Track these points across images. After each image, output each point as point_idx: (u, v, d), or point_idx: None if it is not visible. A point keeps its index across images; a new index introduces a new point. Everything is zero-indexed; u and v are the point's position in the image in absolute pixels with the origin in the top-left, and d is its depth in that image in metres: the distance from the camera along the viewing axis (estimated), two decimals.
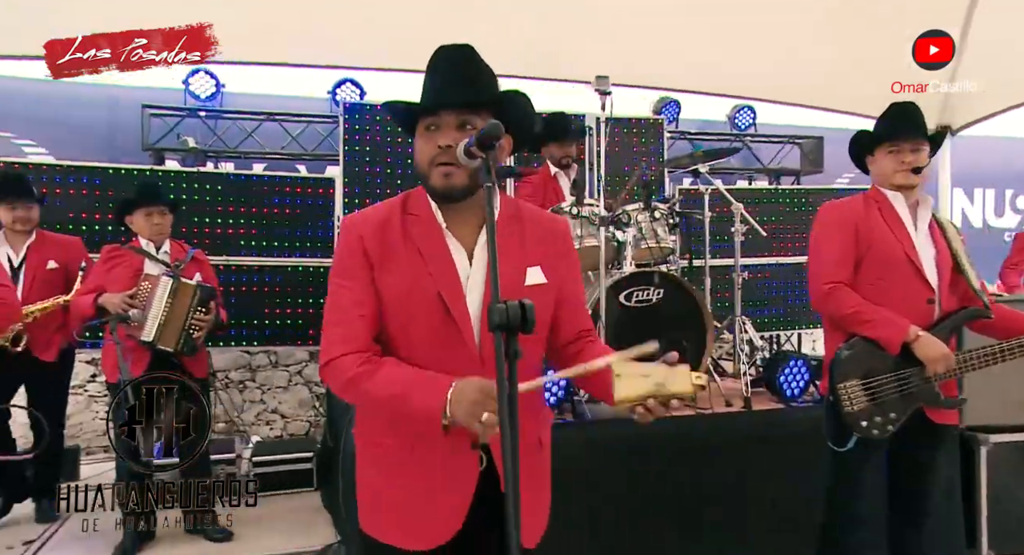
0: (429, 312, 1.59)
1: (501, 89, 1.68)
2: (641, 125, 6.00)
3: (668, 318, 3.40)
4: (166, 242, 3.71)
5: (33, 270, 3.84)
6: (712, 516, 3.14)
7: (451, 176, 1.58)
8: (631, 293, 3.38)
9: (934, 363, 2.38)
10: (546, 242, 1.72)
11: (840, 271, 2.52)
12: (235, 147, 5.51)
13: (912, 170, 2.52)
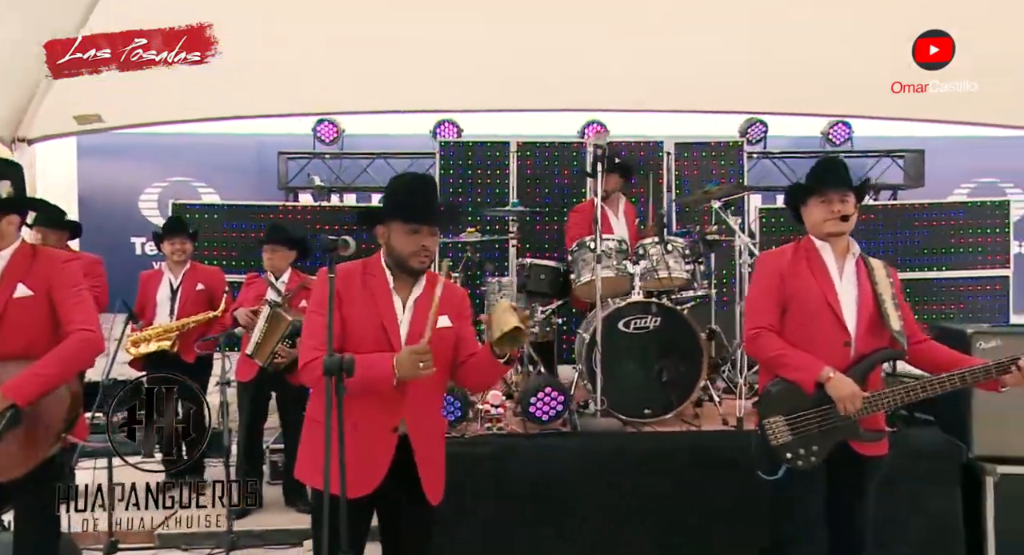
0: (376, 336, 2.37)
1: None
2: (720, 148, 6.25)
3: (664, 345, 3.78)
4: (286, 273, 4.59)
5: (187, 292, 4.90)
6: (691, 526, 3.46)
7: (424, 263, 2.41)
8: (629, 321, 3.80)
9: (842, 402, 2.59)
10: (452, 302, 2.49)
11: (765, 317, 2.76)
12: (352, 182, 6.47)
13: (840, 218, 2.74)
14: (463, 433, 3.62)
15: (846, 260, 2.78)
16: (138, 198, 6.83)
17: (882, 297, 2.72)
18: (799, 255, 2.81)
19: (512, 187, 6.09)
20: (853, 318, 2.70)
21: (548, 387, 3.71)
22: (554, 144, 6.15)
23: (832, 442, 2.67)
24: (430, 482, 2.43)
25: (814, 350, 2.68)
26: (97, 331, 2.68)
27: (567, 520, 3.50)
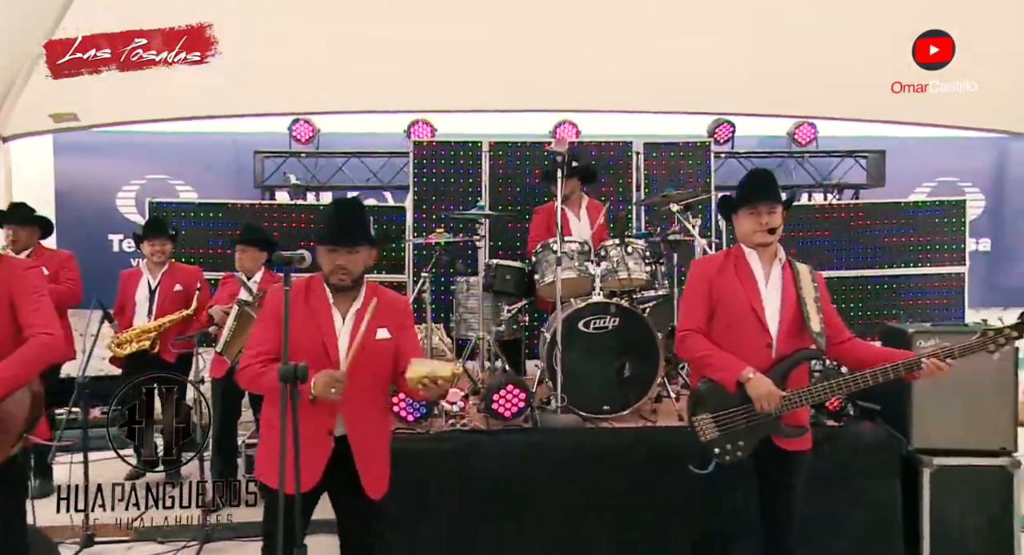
0: (316, 349, 2.59)
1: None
2: (688, 148, 6.41)
3: (623, 344, 3.93)
4: (258, 273, 4.72)
5: (165, 292, 5.00)
6: (647, 522, 3.62)
7: (343, 280, 2.62)
8: (589, 321, 3.96)
9: (759, 401, 2.76)
10: (392, 314, 2.70)
11: (694, 320, 2.94)
12: (328, 181, 6.58)
13: (768, 231, 2.92)
14: (427, 429, 3.77)
15: (772, 266, 2.97)
16: (115, 195, 6.88)
17: (804, 300, 2.90)
18: (728, 261, 2.99)
19: (484, 186, 6.23)
20: (776, 321, 2.89)
21: (510, 385, 3.86)
22: (525, 144, 6.28)
23: (756, 438, 2.85)
24: (369, 479, 2.63)
25: (739, 351, 2.86)
26: (57, 335, 2.76)
27: (528, 516, 3.66)
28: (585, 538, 3.68)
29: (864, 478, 3.78)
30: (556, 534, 3.67)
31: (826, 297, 2.99)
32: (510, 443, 3.73)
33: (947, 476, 3.76)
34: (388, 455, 2.76)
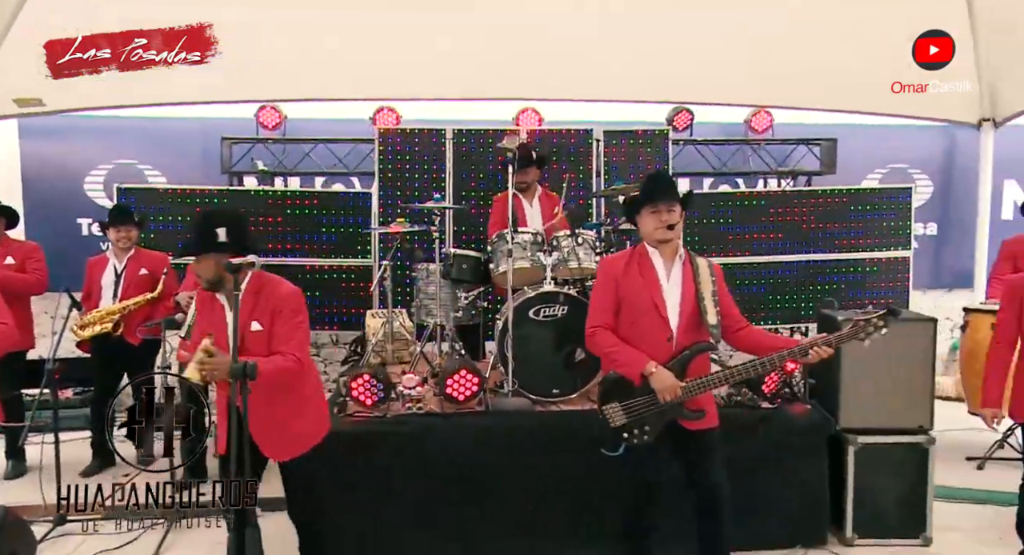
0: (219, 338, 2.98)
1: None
2: (647, 135, 6.59)
3: (571, 331, 4.14)
4: None
5: (130, 276, 5.13)
6: (592, 498, 3.82)
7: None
8: (539, 309, 4.16)
9: (661, 393, 3.00)
10: (268, 306, 3.08)
11: (601, 317, 3.16)
12: (295, 167, 6.70)
13: (667, 227, 3.11)
14: (385, 413, 3.97)
15: (674, 262, 3.18)
16: (83, 180, 6.93)
17: (703, 295, 3.13)
18: (633, 260, 3.20)
19: (448, 172, 6.38)
20: (676, 316, 3.11)
21: (464, 369, 4.06)
22: (488, 131, 6.42)
23: (662, 422, 3.09)
24: (266, 446, 3.15)
25: (642, 345, 3.08)
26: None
27: (481, 497, 3.86)
28: (541, 519, 3.88)
29: (796, 458, 4.03)
30: (512, 515, 3.87)
31: (724, 288, 3.23)
32: (464, 426, 3.94)
33: (870, 453, 4.03)
34: (293, 428, 3.18)
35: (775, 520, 3.99)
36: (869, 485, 4.03)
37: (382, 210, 6.28)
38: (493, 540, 3.87)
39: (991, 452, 5.11)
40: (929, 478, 4.03)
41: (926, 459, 4.02)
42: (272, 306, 3.08)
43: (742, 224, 6.51)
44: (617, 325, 3.16)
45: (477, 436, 3.93)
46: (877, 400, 4.06)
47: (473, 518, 3.87)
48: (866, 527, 4.04)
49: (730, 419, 3.89)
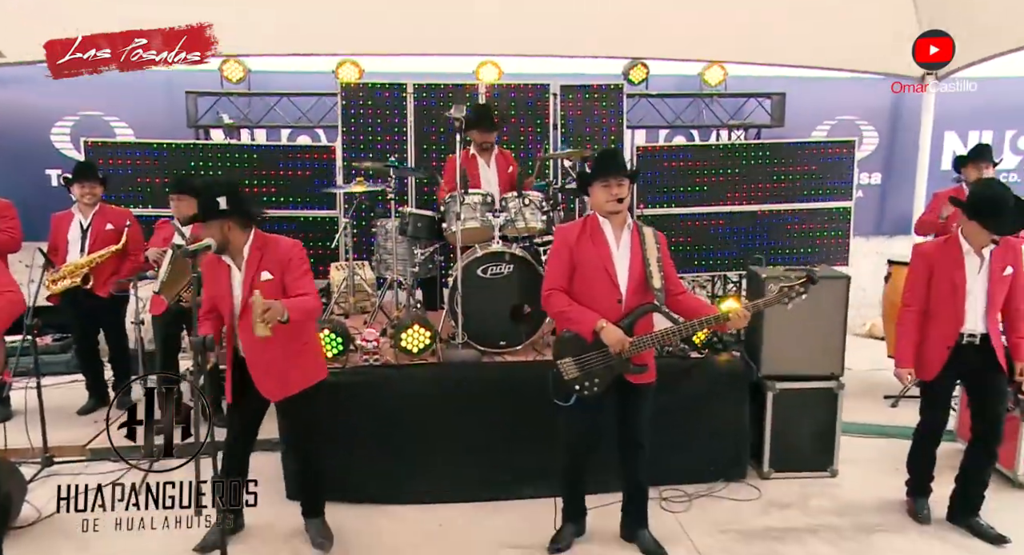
0: (221, 299, 3.46)
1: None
2: (603, 90, 6.79)
3: (516, 287, 4.48)
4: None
5: (95, 231, 5.32)
6: (532, 441, 4.14)
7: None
8: (486, 268, 4.48)
9: (612, 346, 3.35)
10: (275, 259, 3.45)
11: (556, 281, 3.48)
12: (261, 120, 6.86)
13: (617, 200, 3.42)
14: (344, 365, 4.32)
15: (623, 231, 3.50)
16: (49, 131, 7.05)
17: (649, 261, 3.46)
18: (586, 229, 3.51)
19: (410, 126, 6.56)
20: (624, 280, 3.45)
21: (417, 324, 4.40)
22: (448, 86, 6.58)
23: (610, 376, 3.45)
24: (264, 387, 3.53)
25: (594, 305, 3.42)
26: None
27: (435, 441, 4.23)
28: (491, 458, 4.27)
29: (721, 403, 4.45)
30: (465, 456, 4.26)
31: (667, 256, 3.55)
32: (416, 377, 4.31)
33: (786, 397, 4.47)
34: (295, 371, 3.54)
35: (701, 457, 4.45)
36: (785, 425, 4.49)
37: (346, 163, 6.48)
38: (450, 477, 4.27)
39: (904, 392, 5.57)
40: (838, 419, 4.49)
41: (835, 402, 4.47)
42: (279, 258, 3.46)
43: (693, 176, 6.79)
44: (571, 288, 3.48)
45: (430, 386, 4.30)
46: (795, 350, 4.46)
47: (432, 458, 4.26)
48: (781, 462, 4.52)
49: (664, 368, 4.31)
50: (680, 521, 4.04)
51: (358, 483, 4.22)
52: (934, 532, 3.89)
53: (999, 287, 3.65)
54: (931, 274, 3.74)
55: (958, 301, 3.65)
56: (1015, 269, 3.66)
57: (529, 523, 3.98)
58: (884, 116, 7.80)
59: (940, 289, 3.70)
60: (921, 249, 3.90)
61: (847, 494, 4.34)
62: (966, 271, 3.65)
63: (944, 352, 3.69)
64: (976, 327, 3.67)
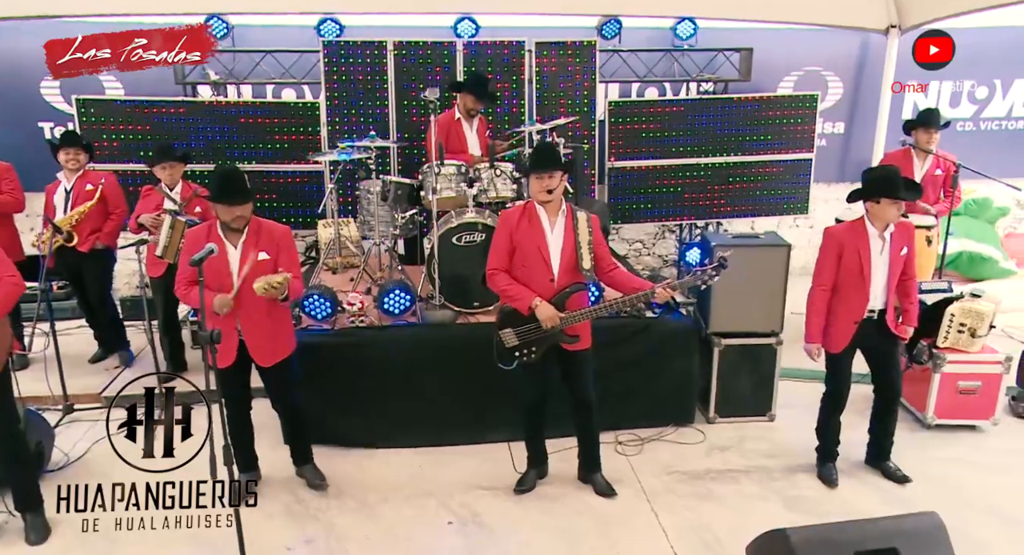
0: (218, 276, 3.80)
1: None
2: (576, 47, 7.01)
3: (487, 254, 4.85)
4: (179, 184, 5.46)
5: (76, 192, 5.58)
6: (497, 393, 4.61)
7: (239, 224, 3.83)
8: (460, 236, 4.89)
9: (544, 321, 3.83)
10: (271, 241, 3.91)
11: (498, 261, 3.93)
12: (247, 76, 7.08)
13: (547, 191, 3.83)
14: (332, 326, 4.78)
15: (557, 217, 3.93)
16: (39, 85, 7.24)
17: (580, 244, 3.91)
18: (525, 214, 3.96)
19: (390, 83, 6.80)
20: (557, 261, 3.91)
21: (398, 288, 4.85)
22: (427, 43, 6.79)
23: (546, 344, 3.95)
24: (257, 352, 4.00)
25: (531, 284, 3.90)
26: (18, 277, 3.69)
27: (420, 394, 4.73)
28: (466, 408, 4.80)
29: (673, 357, 4.97)
30: (443, 406, 4.78)
31: (599, 237, 4.01)
32: (398, 338, 4.79)
33: (731, 352, 5.00)
34: (280, 340, 4.08)
35: (654, 405, 5.01)
36: (729, 376, 5.04)
37: (330, 119, 6.75)
38: (430, 424, 4.81)
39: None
40: (776, 371, 5.03)
41: (774, 356, 5.00)
42: (276, 241, 3.93)
43: (661, 129, 7.12)
44: (512, 267, 3.93)
45: (410, 344, 4.79)
46: (740, 310, 4.96)
47: (413, 407, 4.78)
48: (726, 408, 5.10)
49: (622, 326, 4.84)
50: (632, 463, 4.62)
51: (348, 430, 4.77)
52: (851, 473, 4.48)
53: (896, 266, 4.07)
54: (840, 255, 4.10)
55: (864, 280, 4.05)
56: (909, 249, 4.10)
57: (497, 465, 4.59)
58: (849, 66, 8.04)
59: (848, 269, 4.08)
60: (832, 231, 4.22)
61: (781, 436, 4.93)
62: (871, 252, 4.05)
63: (851, 327, 4.12)
64: (876, 304, 4.10)
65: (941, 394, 4.85)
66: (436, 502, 4.25)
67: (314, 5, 6.72)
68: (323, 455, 4.55)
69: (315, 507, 4.20)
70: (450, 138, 5.76)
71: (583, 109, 7.02)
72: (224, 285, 3.85)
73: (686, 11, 7.24)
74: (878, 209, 4.01)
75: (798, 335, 5.09)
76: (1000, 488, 4.28)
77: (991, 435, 4.88)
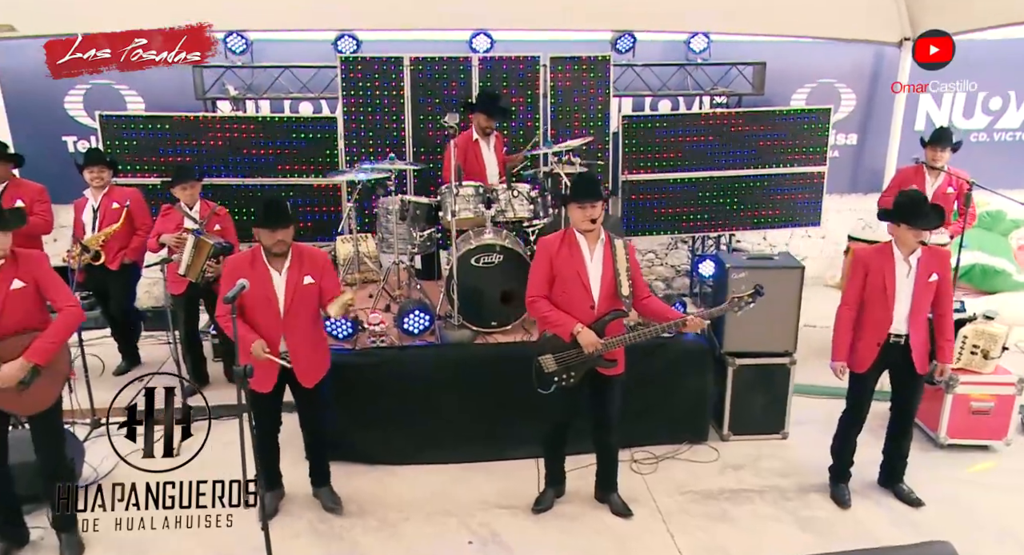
0: (265, 302, 3.93)
1: None
2: (591, 62, 7.07)
3: (504, 274, 4.99)
4: (197, 203, 5.58)
5: (103, 210, 5.74)
6: (517, 413, 4.72)
7: (281, 249, 3.94)
8: (479, 257, 4.98)
9: (586, 347, 3.90)
10: (314, 266, 4.05)
11: (539, 288, 4.01)
12: (265, 91, 7.18)
13: (590, 220, 3.91)
14: (354, 346, 4.88)
15: (596, 245, 4.01)
16: (63, 99, 7.36)
17: (619, 271, 3.99)
18: (564, 242, 4.03)
19: (407, 98, 6.88)
20: (597, 289, 3.99)
21: (417, 309, 4.95)
22: (443, 58, 6.86)
23: (584, 369, 4.02)
24: (303, 374, 4.12)
25: (571, 310, 3.97)
26: (78, 305, 3.84)
27: (440, 413, 4.83)
28: (486, 426, 4.88)
29: (687, 375, 5.04)
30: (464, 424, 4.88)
31: (635, 264, 4.08)
32: (418, 357, 4.88)
33: (745, 372, 5.07)
34: (320, 360, 4.22)
35: (669, 422, 5.09)
36: (743, 395, 5.11)
37: (347, 134, 6.84)
38: (449, 443, 4.90)
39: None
40: (790, 390, 5.10)
41: (788, 376, 5.07)
42: (319, 266, 4.08)
43: (675, 143, 7.17)
44: (552, 294, 4.02)
45: (430, 363, 4.88)
46: (754, 330, 5.01)
47: (433, 426, 4.88)
48: (739, 426, 5.17)
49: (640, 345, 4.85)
50: (647, 482, 4.70)
51: (369, 448, 4.86)
52: (864, 493, 4.54)
53: (924, 292, 4.10)
54: (866, 276, 4.17)
55: (888, 303, 4.11)
56: (941, 276, 4.13)
57: (516, 483, 4.66)
58: (862, 78, 8.07)
59: (873, 291, 4.15)
60: (859, 253, 4.30)
61: (794, 455, 5.00)
62: (896, 275, 4.11)
63: (875, 348, 4.18)
64: (901, 328, 4.15)
65: (954, 414, 4.91)
66: (456, 521, 4.35)
67: (332, 22, 6.81)
68: (345, 472, 4.66)
69: (339, 525, 4.30)
70: (468, 159, 5.84)
71: (597, 123, 7.09)
72: (270, 310, 3.97)
73: (701, 27, 7.29)
74: (899, 233, 4.07)
75: (811, 349, 5.20)
76: (1013, 510, 4.34)
77: (1004, 455, 4.94)
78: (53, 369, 3.76)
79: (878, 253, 4.19)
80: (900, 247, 4.11)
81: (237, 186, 6.74)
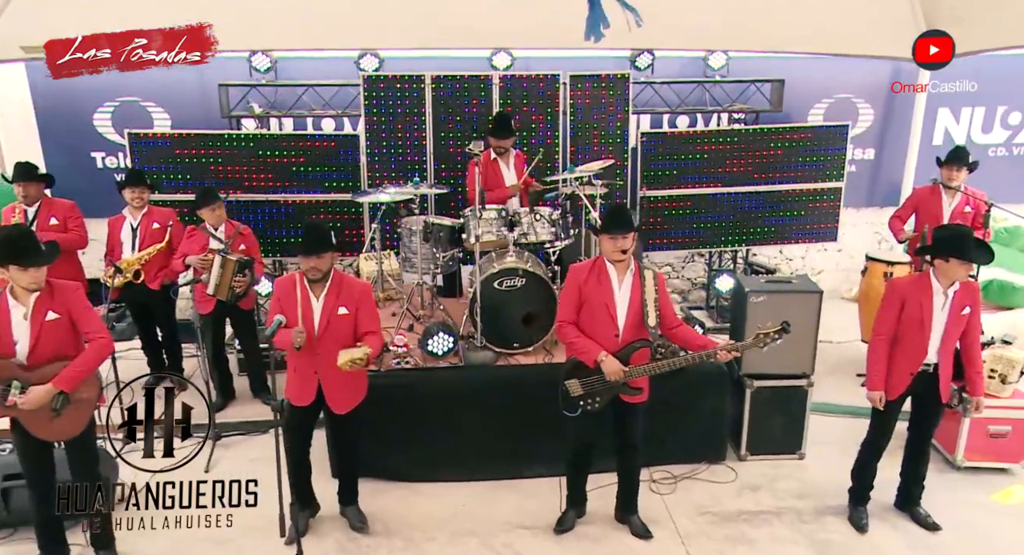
0: (303, 324, 4.05)
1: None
2: (610, 80, 7.15)
3: (527, 297, 5.09)
4: (223, 224, 5.71)
5: (144, 230, 5.89)
6: (540, 434, 4.84)
7: (315, 275, 4.05)
8: (502, 281, 5.08)
9: (609, 375, 4.00)
10: (351, 297, 4.15)
11: (567, 314, 4.12)
12: (289, 109, 7.31)
13: (621, 251, 4.00)
14: (379, 367, 5.00)
15: (625, 275, 4.09)
16: (92, 116, 7.51)
17: (647, 301, 4.07)
18: (594, 270, 4.12)
19: (428, 115, 6.98)
20: (623, 318, 4.07)
21: (441, 331, 5.06)
22: (464, 77, 6.96)
23: (609, 395, 4.12)
24: (334, 401, 4.23)
25: (596, 337, 4.07)
26: (108, 336, 3.93)
27: (462, 433, 4.94)
28: (509, 446, 4.99)
29: (706, 397, 5.11)
30: (487, 444, 4.99)
31: (664, 294, 4.16)
32: (442, 378, 5.00)
33: (763, 393, 5.15)
34: (355, 388, 4.30)
35: (687, 443, 5.17)
36: (761, 416, 5.19)
37: (369, 150, 6.95)
38: (472, 462, 5.02)
39: None
40: (807, 410, 5.17)
41: (805, 397, 5.14)
42: (356, 296, 4.17)
43: (692, 159, 7.24)
44: (580, 320, 4.12)
45: (454, 384, 5.00)
46: (771, 353, 5.01)
47: (456, 445, 5.00)
48: (757, 446, 5.24)
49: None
50: (666, 502, 4.80)
51: (394, 466, 4.98)
52: (881, 516, 4.61)
53: (956, 324, 4.15)
54: (903, 306, 4.19)
55: (924, 333, 4.15)
56: (973, 309, 4.17)
57: (537, 502, 4.76)
58: (880, 93, 8.09)
59: (909, 321, 4.18)
60: (895, 284, 4.35)
61: (811, 476, 5.07)
62: (933, 307, 4.14)
63: (907, 378, 4.23)
64: (932, 358, 4.20)
65: (971, 437, 4.97)
66: (479, 541, 4.46)
67: (355, 41, 6.92)
68: (371, 489, 4.78)
69: (366, 545, 4.42)
70: (488, 176, 5.96)
71: (616, 140, 7.18)
72: (306, 336, 4.04)
73: (720, 45, 7.35)
74: (947, 267, 4.09)
75: (827, 366, 5.26)
76: None
77: (1022, 478, 4.99)
78: (83, 397, 3.87)
79: (916, 284, 4.22)
80: (940, 279, 4.14)
81: (261, 202, 6.87)
